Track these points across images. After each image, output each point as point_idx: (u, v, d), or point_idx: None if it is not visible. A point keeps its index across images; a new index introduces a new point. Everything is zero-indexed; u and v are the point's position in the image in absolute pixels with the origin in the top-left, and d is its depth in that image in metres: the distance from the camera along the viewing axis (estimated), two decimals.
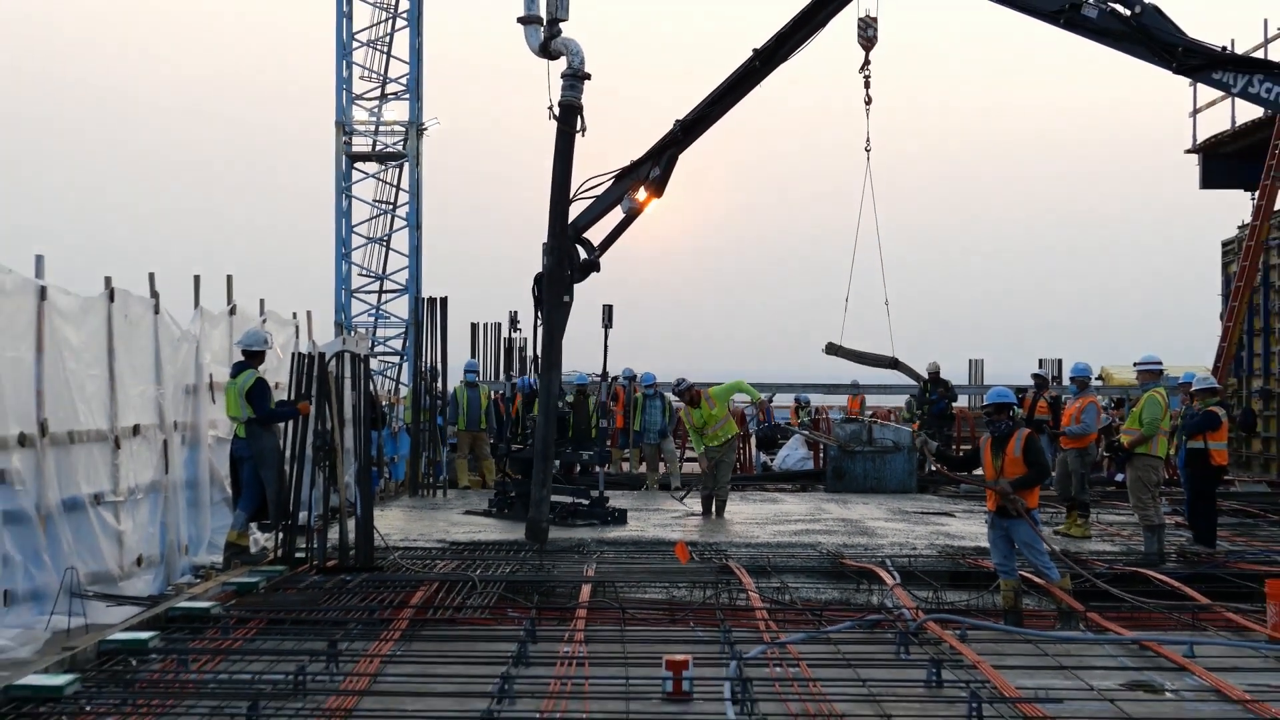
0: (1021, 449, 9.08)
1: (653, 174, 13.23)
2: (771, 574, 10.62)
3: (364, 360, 11.53)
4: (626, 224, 13.80)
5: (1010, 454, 9.12)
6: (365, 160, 25.56)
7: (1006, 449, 9.15)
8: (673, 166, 13.30)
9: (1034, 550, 9.16)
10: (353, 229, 25.50)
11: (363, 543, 10.66)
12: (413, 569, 10.41)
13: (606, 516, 14.28)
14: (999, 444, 9.21)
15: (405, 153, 25.11)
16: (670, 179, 13.25)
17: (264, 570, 10.16)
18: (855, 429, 19.92)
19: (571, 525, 13.93)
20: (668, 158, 13.25)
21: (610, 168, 13.24)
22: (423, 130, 25.31)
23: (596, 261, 13.75)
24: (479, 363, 24.49)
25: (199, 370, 11.23)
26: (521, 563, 10.96)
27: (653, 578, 10.27)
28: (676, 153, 13.28)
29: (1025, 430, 9.25)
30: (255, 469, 10.95)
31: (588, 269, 13.89)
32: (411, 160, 25.03)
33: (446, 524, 14.07)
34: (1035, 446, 9.20)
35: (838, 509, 16.34)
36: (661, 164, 13.21)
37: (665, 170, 13.24)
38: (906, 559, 11.38)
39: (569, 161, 12.38)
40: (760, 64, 12.76)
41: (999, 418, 9.24)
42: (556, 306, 12.38)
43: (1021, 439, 9.13)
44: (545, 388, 12.08)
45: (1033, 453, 9.11)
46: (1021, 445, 9.09)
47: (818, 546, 12.18)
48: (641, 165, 13.33)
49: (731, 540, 12.68)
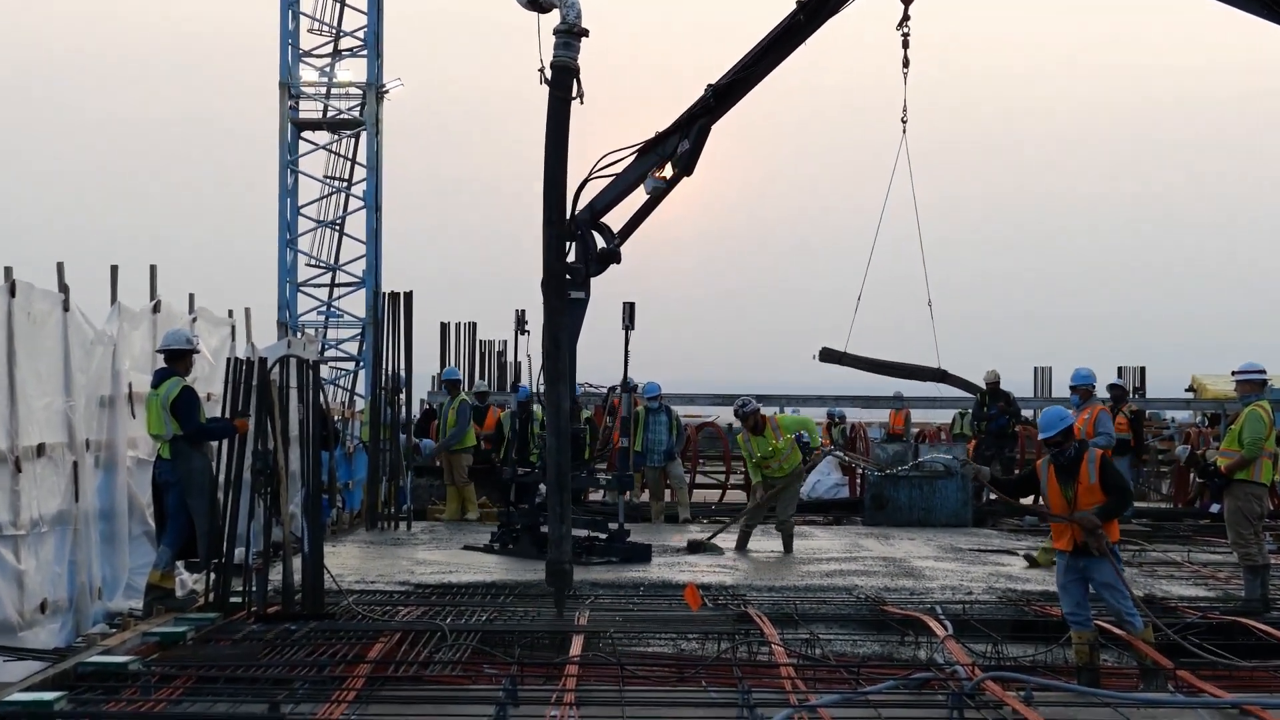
0: (1098, 474, 9.11)
1: (681, 148, 13.36)
2: (799, 623, 10.60)
3: (313, 367, 11.51)
4: (651, 207, 13.97)
5: (1084, 481, 9.12)
6: (314, 129, 25.60)
7: (1079, 476, 9.15)
8: (704, 139, 13.43)
9: (1117, 594, 9.15)
10: (299, 210, 25.52)
11: (311, 585, 10.64)
12: (370, 616, 10.40)
13: (627, 553, 14.29)
14: (1067, 472, 9.21)
15: (362, 120, 25.15)
16: (701, 154, 13.35)
17: (192, 618, 10.13)
18: (899, 450, 19.92)
19: (586, 563, 13.92)
20: (698, 129, 13.34)
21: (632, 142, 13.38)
22: (383, 93, 25.35)
23: (617, 251, 13.92)
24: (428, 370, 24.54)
25: (116, 379, 11.20)
26: (501, 609, 10.95)
27: (658, 627, 10.25)
28: (709, 123, 13.39)
29: (1098, 451, 9.28)
30: (182, 497, 10.93)
31: (607, 259, 14.06)
32: (370, 129, 25.06)
33: (411, 563, 14.05)
34: (1113, 468, 9.25)
35: (878, 545, 16.32)
36: (691, 136, 13.32)
37: (696, 144, 13.36)
38: (960, 605, 11.36)
39: (564, 133, 12.37)
40: (805, 19, 12.82)
41: (1065, 445, 9.27)
42: (558, 307, 12.38)
43: (1096, 462, 9.16)
44: (553, 404, 11.93)
45: (1112, 475, 9.16)
46: (1097, 469, 9.12)
47: (854, 590, 12.18)
48: (668, 138, 13.44)
49: (751, 583, 12.67)
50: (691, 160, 13.33)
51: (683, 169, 13.43)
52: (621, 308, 14.66)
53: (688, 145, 13.25)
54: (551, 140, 12.39)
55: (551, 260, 12.14)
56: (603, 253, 14.01)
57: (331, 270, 25.92)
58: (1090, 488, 9.11)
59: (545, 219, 12.12)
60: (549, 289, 11.92)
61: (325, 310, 25.70)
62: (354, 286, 25.61)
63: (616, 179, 13.78)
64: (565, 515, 11.75)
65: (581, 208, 14.46)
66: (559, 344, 12.08)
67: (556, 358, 11.94)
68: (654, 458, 19.35)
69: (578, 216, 14.44)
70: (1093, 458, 9.20)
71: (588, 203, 14.29)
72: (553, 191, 12.31)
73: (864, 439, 24.34)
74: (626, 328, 14.61)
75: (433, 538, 16.71)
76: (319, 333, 25.34)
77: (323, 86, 25.56)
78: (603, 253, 14.01)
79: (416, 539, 16.60)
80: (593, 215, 14.11)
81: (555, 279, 12.17)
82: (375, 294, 20.38)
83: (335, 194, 25.94)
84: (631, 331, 14.65)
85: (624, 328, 14.62)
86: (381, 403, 17.94)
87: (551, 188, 12.30)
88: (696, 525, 18.42)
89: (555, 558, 11.25)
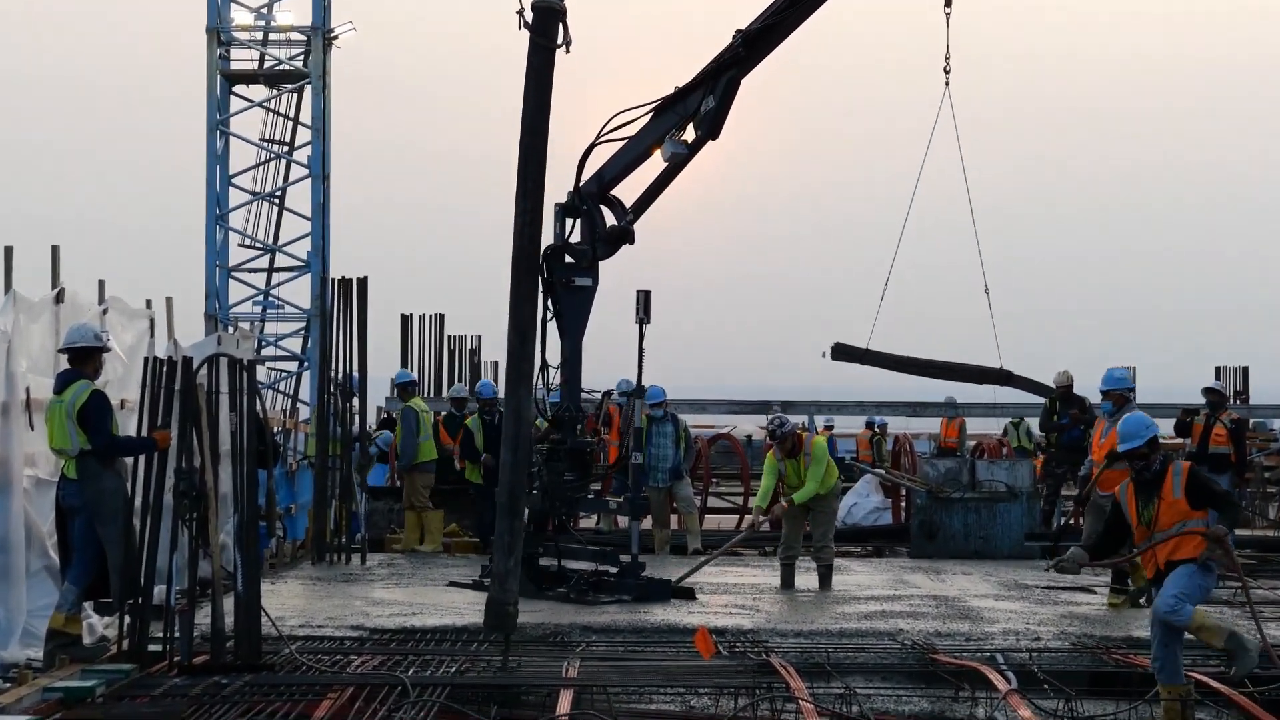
0: (1184, 487, 9.21)
1: (705, 106, 13.50)
2: (832, 675, 10.58)
3: (248, 368, 11.50)
4: (670, 176, 14.13)
5: (1168, 497, 9.23)
6: (249, 82, 25.65)
7: (1162, 490, 9.27)
8: (732, 96, 13.56)
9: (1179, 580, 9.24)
10: (231, 180, 25.57)
11: (245, 630, 10.61)
12: (317, 668, 10.37)
13: (642, 590, 14.33)
14: (1148, 488, 9.32)
15: (306, 71, 25.16)
16: (729, 114, 13.46)
17: (103, 670, 10.10)
18: (952, 467, 19.89)
19: (593, 602, 13.97)
20: (725, 83, 13.48)
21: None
22: (331, 39, 25.38)
23: (629, 229, 14.01)
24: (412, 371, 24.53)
25: (10, 382, 11.18)
26: (474, 659, 10.94)
27: (662, 680, 10.23)
28: (738, 76, 13.52)
29: (1183, 463, 9.41)
30: (91, 524, 10.91)
31: (618, 239, 14.18)
32: (315, 82, 25.08)
33: (366, 603, 14.05)
34: (1204, 476, 9.43)
35: (927, 581, 16.30)
36: (717, 92, 13.48)
37: (722, 101, 13.51)
38: (1026, 653, 11.34)
39: (546, 87, 12.40)
40: None
41: (1152, 458, 9.34)
42: (526, 294, 12.39)
43: (1182, 473, 9.28)
44: (513, 411, 11.98)
45: (1202, 484, 9.30)
46: (1183, 483, 9.23)
47: (899, 635, 12.15)
48: (690, 94, 13.55)
49: (775, 626, 12.66)
50: (717, 120, 13.44)
51: (707, 131, 13.55)
52: (635, 297, 14.64)
53: (713, 103, 13.38)
54: (531, 95, 12.40)
55: (524, 241, 12.17)
56: (612, 231, 14.06)
57: (270, 252, 25.97)
58: (1174, 503, 9.20)
59: (520, 189, 12.15)
60: (520, 269, 11.96)
61: (263, 300, 25.70)
62: (297, 271, 25.67)
63: (629, 143, 13.92)
64: (515, 545, 11.86)
65: (588, 178, 14.53)
66: (526, 337, 12.13)
67: (521, 355, 11.99)
68: (658, 476, 19.25)
69: (583, 188, 14.54)
70: (1179, 469, 9.32)
71: (595, 172, 14.34)
72: (530, 157, 12.33)
73: (910, 453, 24.32)
74: (640, 320, 14.60)
75: (392, 573, 16.68)
76: (255, 327, 25.33)
77: (259, 32, 25.61)
78: (612, 231, 14.06)
79: (373, 574, 16.58)
80: (601, 187, 14.16)
81: (527, 259, 12.21)
82: (322, 280, 20.31)
83: (274, 160, 25.94)
84: (647, 325, 14.61)
85: (637, 321, 14.61)
86: (330, 411, 17.92)
87: (530, 152, 12.32)
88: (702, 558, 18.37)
89: (498, 596, 11.32)
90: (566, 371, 14.75)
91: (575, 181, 14.68)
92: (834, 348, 21.29)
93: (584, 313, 14.58)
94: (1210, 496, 9.25)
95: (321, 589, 15.26)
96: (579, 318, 14.65)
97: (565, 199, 14.74)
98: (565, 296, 14.55)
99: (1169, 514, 9.19)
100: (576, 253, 14.62)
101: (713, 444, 23.98)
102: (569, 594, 14.13)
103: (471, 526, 20.25)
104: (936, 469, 19.96)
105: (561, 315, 14.64)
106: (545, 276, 14.29)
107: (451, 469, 21.06)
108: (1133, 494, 9.42)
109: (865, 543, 20.77)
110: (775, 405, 23.74)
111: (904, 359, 21.65)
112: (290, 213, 25.93)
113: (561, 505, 14.76)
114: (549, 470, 14.56)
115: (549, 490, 14.51)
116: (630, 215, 14.08)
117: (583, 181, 14.60)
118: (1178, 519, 9.17)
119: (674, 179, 14.07)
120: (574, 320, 14.65)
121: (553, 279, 14.45)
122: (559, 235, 14.73)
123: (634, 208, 14.15)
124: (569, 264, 14.63)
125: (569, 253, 14.70)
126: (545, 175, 12.57)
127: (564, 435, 14.70)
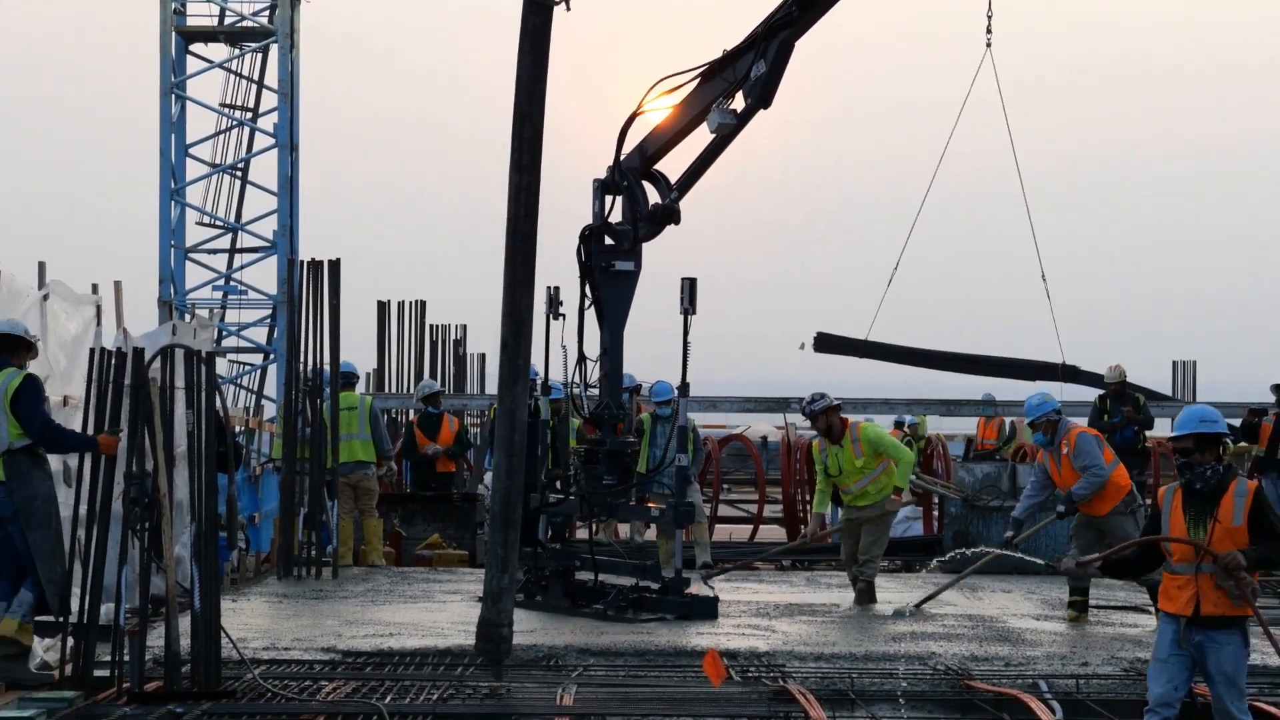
0: (1246, 513, 8.77)
1: (756, 71, 13.61)
2: (857, 703, 10.58)
3: (207, 361, 11.47)
4: (718, 149, 14.30)
5: (1226, 521, 8.78)
6: (208, 40, 25.61)
7: (1219, 511, 8.84)
8: (786, 60, 13.64)
9: (1234, 692, 8.82)
10: (188, 150, 25.52)
11: (204, 653, 10.60)
12: (284, 695, 10.36)
13: (687, 608, 14.37)
14: (1202, 503, 8.90)
15: (272, 29, 25.12)
16: (781, 80, 13.59)
17: (44, 699, 10.06)
18: (991, 471, 19.86)
19: (629, 620, 14.05)
20: (778, 46, 13.61)
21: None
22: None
23: (674, 207, 14.25)
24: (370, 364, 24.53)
25: None
26: (459, 685, 10.93)
27: (668, 709, 10.22)
28: (791, 38, 13.76)
29: (1250, 482, 8.94)
30: (22, 532, 10.86)
31: (662, 219, 14.45)
32: (282, 41, 25.04)
33: (338, 622, 14.05)
34: (1269, 508, 8.87)
35: (962, 599, 16.30)
36: (769, 56, 13.53)
37: (774, 65, 13.57)
38: (1073, 680, 11.35)
39: (544, 50, 12.36)
40: None
41: (1203, 458, 8.95)
42: (523, 278, 12.40)
43: (1247, 496, 8.81)
44: (507, 411, 11.98)
45: (1266, 511, 8.81)
46: (1248, 506, 8.78)
47: (930, 659, 12.16)
48: (739, 58, 13.70)
49: (793, 649, 12.66)
50: (769, 87, 13.57)
51: (759, 98, 13.67)
52: (680, 285, 14.67)
53: (764, 67, 13.58)
54: (526, 59, 12.37)
55: (519, 217, 12.17)
56: (656, 209, 14.23)
57: (231, 231, 25.93)
58: (1232, 531, 8.75)
59: (514, 163, 12.15)
60: (513, 252, 11.99)
61: (223, 285, 25.68)
62: (262, 253, 25.62)
63: (673, 113, 14.14)
64: (509, 560, 11.86)
65: (629, 151, 14.67)
66: (520, 328, 12.14)
67: (517, 350, 12.00)
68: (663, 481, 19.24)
69: (624, 163, 14.71)
70: (1242, 490, 8.83)
71: (636, 145, 14.55)
72: (524, 125, 12.30)
73: (943, 457, 24.27)
74: (686, 310, 14.62)
75: (369, 589, 16.67)
76: (215, 315, 25.30)
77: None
78: (656, 209, 14.23)
79: (346, 590, 16.58)
80: (644, 161, 14.39)
81: (521, 241, 12.20)
82: (290, 263, 20.27)
83: (236, 128, 25.91)
84: (693, 316, 14.62)
85: (682, 311, 14.63)
86: (298, 408, 17.89)
87: (523, 120, 12.30)
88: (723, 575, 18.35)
89: (491, 617, 11.36)
90: (606, 365, 14.97)
91: (615, 156, 14.88)
92: (816, 338, 21.27)
93: (626, 300, 14.88)
94: (1268, 530, 8.74)
95: (288, 607, 15.25)
96: (620, 305, 14.90)
97: (605, 174, 14.95)
98: (605, 282, 14.79)
99: (1225, 543, 8.72)
100: (618, 233, 14.82)
101: (724, 446, 23.94)
102: (606, 610, 14.25)
103: (453, 538, 20.24)
104: (973, 474, 19.93)
105: (601, 302, 14.87)
106: (584, 260, 14.69)
107: (433, 474, 21.06)
108: (1180, 504, 8.98)
109: (894, 556, 20.73)
110: (793, 404, 23.69)
111: (913, 351, 21.65)
112: (254, 187, 25.92)
113: (600, 511, 14.86)
114: (586, 474, 14.77)
115: (586, 496, 14.69)
116: (675, 192, 14.28)
117: (623, 156, 14.79)
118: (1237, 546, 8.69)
119: (722, 152, 14.25)
120: (614, 308, 14.88)
121: (591, 262, 14.74)
122: (598, 215, 14.95)
123: (678, 185, 14.37)
124: (609, 246, 14.85)
125: (609, 233, 14.90)
126: (542, 147, 12.55)
127: (603, 435, 14.90)
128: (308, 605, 15.37)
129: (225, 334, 25.52)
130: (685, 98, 14.31)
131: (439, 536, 20.24)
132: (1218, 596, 8.78)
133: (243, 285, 25.72)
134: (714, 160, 14.27)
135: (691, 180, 14.32)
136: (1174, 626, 8.94)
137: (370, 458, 18.99)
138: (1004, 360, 22.31)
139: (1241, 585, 8.69)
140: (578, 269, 14.58)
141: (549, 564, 15.25)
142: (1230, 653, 8.80)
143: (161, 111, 25.07)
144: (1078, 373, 22.00)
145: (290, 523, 17.68)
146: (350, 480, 18.70)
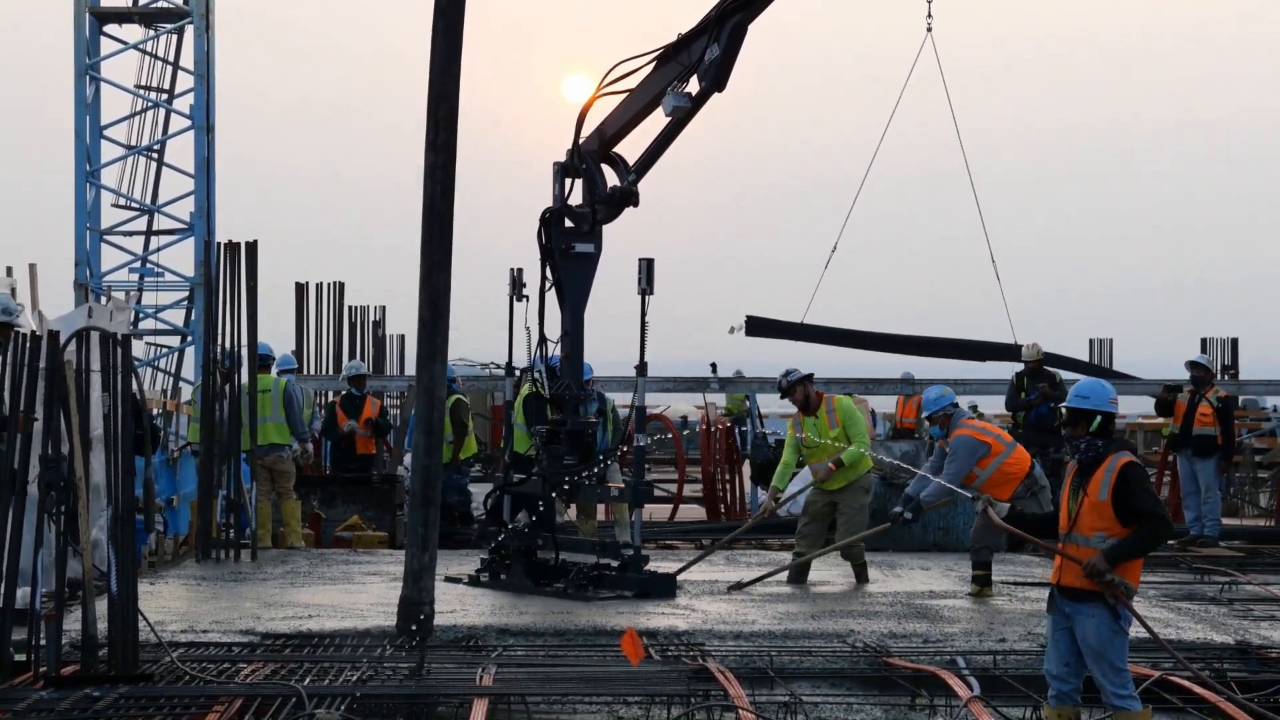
0: (1112, 487, 8.65)
1: (710, 55, 13.67)
2: (776, 681, 10.61)
3: (123, 343, 11.38)
4: (673, 132, 14.37)
5: (1093, 495, 8.70)
6: (122, 21, 25.30)
7: (1089, 485, 8.77)
8: (739, 44, 13.73)
9: (1104, 666, 8.79)
10: (103, 132, 25.24)
11: (121, 636, 10.53)
12: (202, 678, 10.32)
13: (645, 585, 14.50)
14: (1082, 475, 8.87)
15: (187, 9, 24.87)
16: (735, 63, 13.67)
17: None
18: (910, 451, 19.98)
19: (589, 598, 14.17)
20: (731, 29, 13.66)
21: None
22: None
23: (633, 189, 14.41)
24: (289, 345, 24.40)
25: None
26: (378, 666, 10.91)
27: (587, 689, 10.23)
28: (744, 21, 13.92)
29: (1123, 458, 8.76)
30: None
31: (621, 200, 14.64)
32: (198, 21, 24.80)
33: (257, 605, 13.99)
34: (1139, 483, 8.72)
35: (882, 576, 16.39)
36: (722, 40, 13.63)
37: (728, 49, 13.65)
38: (990, 656, 11.42)
39: (458, 29, 12.33)
40: None
41: (1075, 432, 8.87)
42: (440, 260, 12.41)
43: (1114, 471, 8.69)
44: (426, 390, 12.00)
45: (1132, 496, 8.65)
46: (1113, 481, 8.66)
47: (849, 637, 12.21)
48: (693, 42, 13.91)
49: (712, 628, 12.69)
50: (723, 70, 13.68)
51: (712, 82, 13.78)
52: (638, 266, 14.74)
53: (718, 51, 13.65)
54: (439, 38, 12.33)
55: (434, 200, 12.16)
56: (614, 192, 14.32)
57: (148, 213, 25.66)
58: (1096, 505, 8.69)
59: (429, 141, 12.14)
60: (430, 232, 12.01)
61: (140, 267, 25.43)
62: (179, 235, 25.37)
63: (630, 96, 14.28)
64: (430, 538, 11.91)
65: (588, 134, 14.80)
66: (439, 309, 12.22)
67: (435, 328, 12.08)
68: None
69: (583, 146, 14.83)
70: (1113, 465, 8.70)
71: (595, 128, 14.68)
72: (439, 105, 12.29)
73: None
74: (643, 291, 14.70)
75: (288, 571, 16.61)
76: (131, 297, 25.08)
77: None
78: (614, 192, 14.32)
79: (265, 573, 16.49)
80: (602, 144, 14.49)
81: (438, 221, 12.21)
82: (207, 245, 20.10)
83: (151, 110, 25.63)
84: (650, 296, 14.70)
85: (640, 291, 14.73)
86: (215, 390, 17.77)
87: (438, 100, 12.27)
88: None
89: (412, 595, 11.35)
90: (567, 346, 15.07)
91: (574, 138, 15.04)
92: (747, 322, 21.36)
93: (586, 282, 15.00)
94: (1134, 510, 8.59)
95: (207, 590, 15.17)
96: (580, 287, 15.04)
97: (564, 157, 15.05)
98: (565, 264, 14.92)
99: (1089, 517, 8.69)
100: (577, 216, 14.95)
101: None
102: (566, 589, 14.36)
103: (373, 520, 20.18)
104: (892, 452, 20.04)
105: (561, 284, 15.00)
106: (544, 243, 14.88)
107: (353, 456, 21.01)
108: (1071, 476, 8.95)
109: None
110: (712, 383, 23.78)
111: (848, 332, 21.73)
112: (170, 169, 25.61)
113: (562, 492, 15.01)
114: (548, 454, 14.83)
115: (548, 476, 14.76)
116: (633, 174, 14.44)
117: (582, 139, 14.92)
118: (1099, 528, 8.67)
119: (677, 135, 14.36)
120: (575, 290, 15.01)
121: (551, 245, 14.90)
122: (558, 197, 15.11)
123: (636, 167, 14.52)
124: (569, 229, 14.98)
125: (570, 216, 15.03)
126: (457, 126, 12.54)
127: (564, 416, 14.97)
128: (226, 588, 15.30)
129: (142, 316, 25.25)
130: (641, 82, 14.44)
131: (359, 518, 20.19)
132: (1078, 570, 8.79)
133: (159, 267, 25.43)
134: (670, 143, 14.40)
135: (649, 163, 14.44)
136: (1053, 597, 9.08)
137: (285, 440, 18.94)
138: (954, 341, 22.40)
139: (1111, 587, 8.65)
140: (538, 251, 14.79)
141: (512, 543, 15.28)
142: (1093, 625, 8.76)
143: (76, 93, 24.75)
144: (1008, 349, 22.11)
145: (209, 505, 17.57)
146: (265, 463, 18.64)
